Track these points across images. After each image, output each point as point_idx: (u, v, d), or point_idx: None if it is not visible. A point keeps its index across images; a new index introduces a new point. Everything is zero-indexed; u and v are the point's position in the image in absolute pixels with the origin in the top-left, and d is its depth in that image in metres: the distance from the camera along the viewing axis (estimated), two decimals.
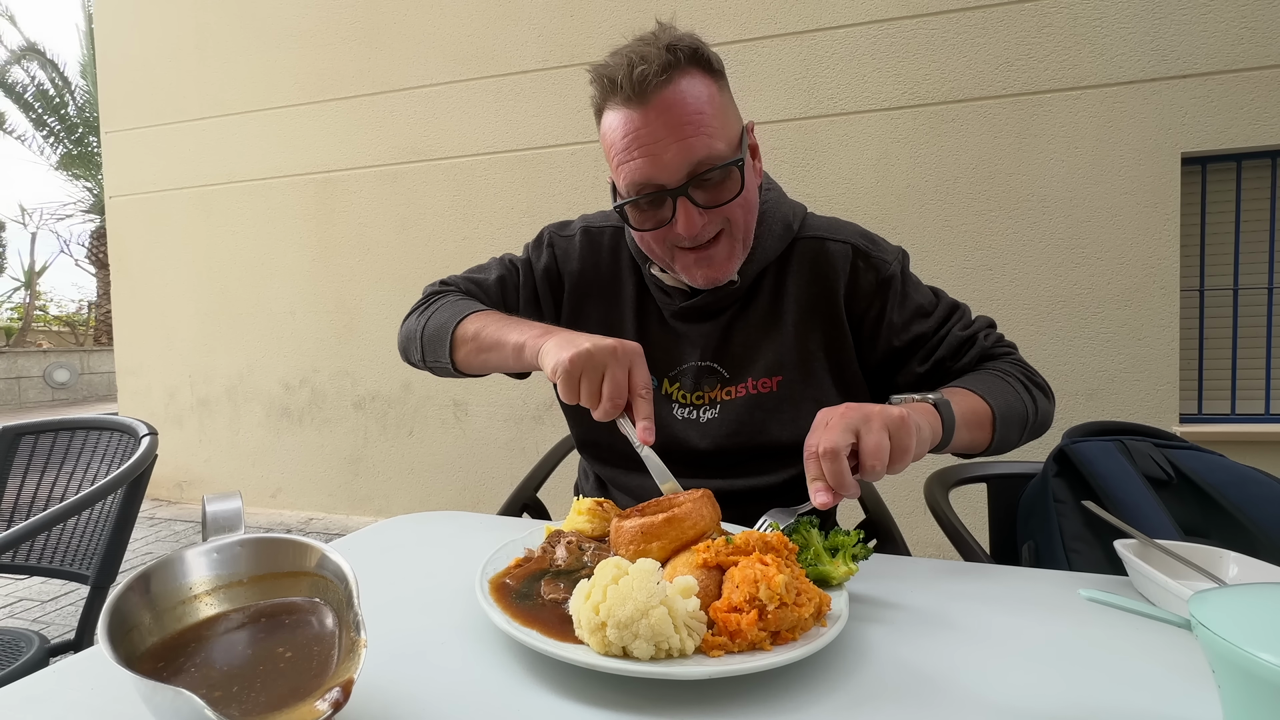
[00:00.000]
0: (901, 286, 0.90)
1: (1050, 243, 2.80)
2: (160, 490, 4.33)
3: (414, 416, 3.79)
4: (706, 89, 0.78)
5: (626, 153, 0.78)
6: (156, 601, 0.44)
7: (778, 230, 0.91)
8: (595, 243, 1.00)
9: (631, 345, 0.75)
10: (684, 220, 0.79)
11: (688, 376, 0.93)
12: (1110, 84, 2.72)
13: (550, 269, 1.00)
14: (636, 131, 0.77)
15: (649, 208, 0.81)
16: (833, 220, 0.95)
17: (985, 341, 0.90)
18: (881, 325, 0.90)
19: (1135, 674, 0.50)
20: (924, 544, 2.68)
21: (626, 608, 0.47)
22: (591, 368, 0.72)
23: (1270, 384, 2.78)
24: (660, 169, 0.77)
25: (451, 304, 0.96)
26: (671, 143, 0.76)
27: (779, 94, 3.10)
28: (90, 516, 1.32)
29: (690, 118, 0.76)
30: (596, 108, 0.83)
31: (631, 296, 0.97)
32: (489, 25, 3.55)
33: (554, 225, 1.04)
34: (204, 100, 4.11)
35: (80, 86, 11.62)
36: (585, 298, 0.99)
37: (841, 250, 0.90)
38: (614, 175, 0.84)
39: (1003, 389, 0.83)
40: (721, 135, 0.78)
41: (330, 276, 3.91)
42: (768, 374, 0.90)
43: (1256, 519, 0.79)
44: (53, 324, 14.12)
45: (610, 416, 0.73)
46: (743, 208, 0.82)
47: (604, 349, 0.72)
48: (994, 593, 0.65)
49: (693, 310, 0.92)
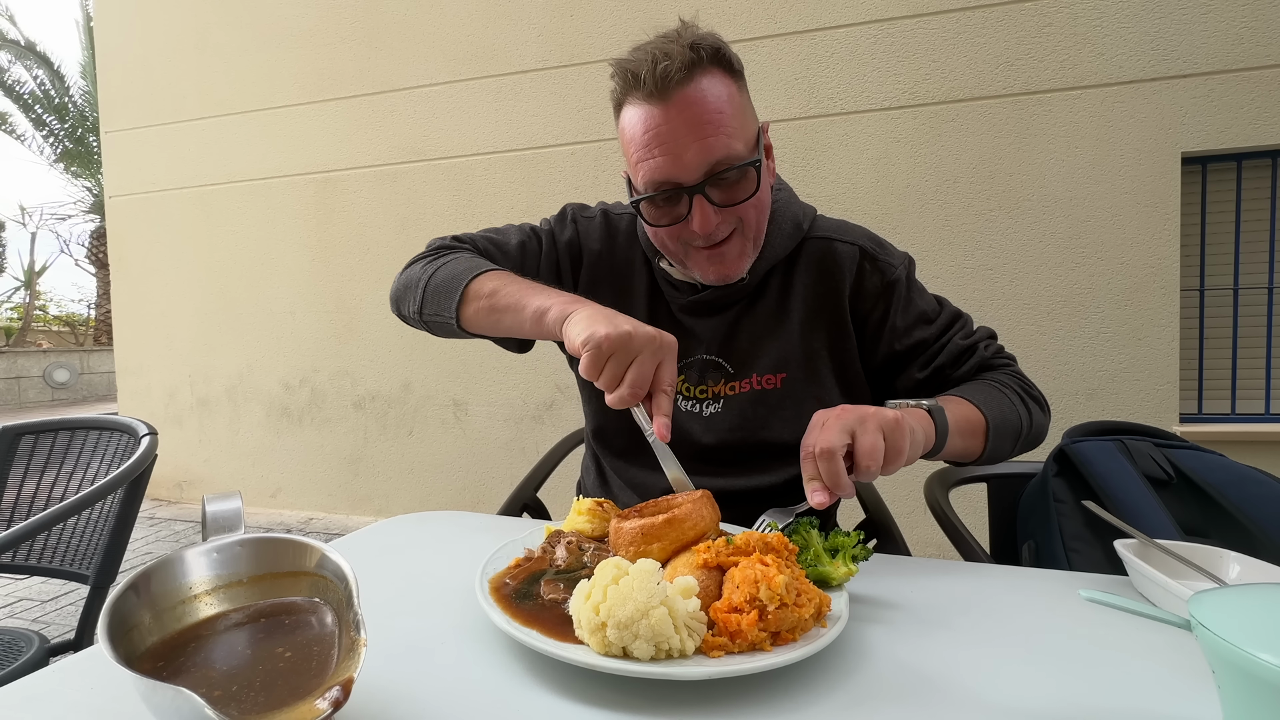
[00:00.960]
0: (906, 291, 0.90)
1: (1050, 243, 2.80)
2: (160, 490, 4.33)
3: (414, 416, 3.79)
4: (727, 89, 0.79)
5: (646, 150, 0.79)
6: (156, 601, 0.44)
7: (787, 230, 0.92)
8: (614, 228, 1.00)
9: (669, 338, 0.71)
10: (699, 218, 0.79)
11: (693, 370, 0.94)
12: (1110, 84, 2.72)
13: (573, 243, 1.00)
14: (657, 128, 0.77)
15: (665, 204, 0.82)
16: (842, 222, 0.96)
17: (985, 352, 0.91)
18: (884, 328, 0.90)
19: (1135, 674, 0.50)
20: (924, 544, 2.68)
21: (626, 608, 0.47)
22: (625, 351, 0.67)
23: (1270, 384, 2.78)
24: (679, 167, 0.78)
25: (468, 258, 0.90)
26: (691, 142, 0.76)
27: (779, 94, 3.10)
28: (90, 516, 1.32)
29: (711, 117, 0.76)
30: (616, 102, 0.83)
31: (645, 287, 0.98)
32: (489, 25, 3.55)
33: (575, 204, 1.04)
34: (204, 100, 4.11)
35: (79, 86, 11.62)
36: (598, 280, 0.99)
37: (849, 251, 0.91)
38: (631, 170, 0.84)
39: (999, 400, 0.84)
40: (740, 136, 0.79)
41: (330, 276, 3.91)
42: (772, 370, 0.91)
43: (1256, 519, 0.79)
44: (53, 324, 14.12)
45: (626, 405, 0.69)
46: (756, 208, 0.83)
47: (646, 335, 0.68)
48: (994, 593, 0.65)
49: (700, 305, 0.93)
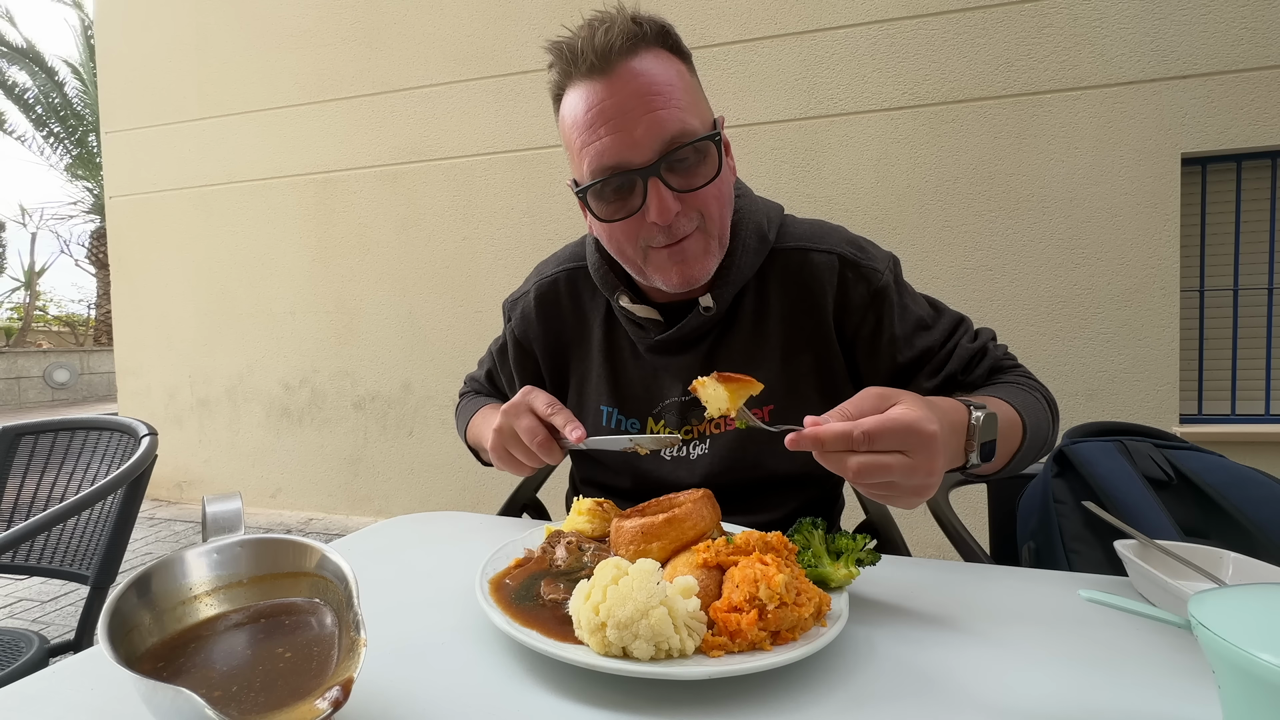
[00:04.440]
0: (898, 297, 0.83)
1: (1050, 243, 2.80)
2: (160, 490, 4.33)
3: (414, 416, 3.79)
4: (675, 67, 0.72)
5: (590, 130, 0.71)
6: (156, 602, 0.44)
7: (753, 244, 0.83)
8: (549, 296, 0.94)
9: (517, 396, 0.79)
10: (656, 205, 0.71)
11: (671, 412, 0.88)
12: (1110, 84, 2.72)
13: (521, 344, 0.97)
14: (601, 104, 0.70)
15: (616, 196, 0.73)
16: (815, 225, 0.87)
17: (996, 353, 0.85)
18: (881, 340, 0.83)
19: (1135, 674, 0.50)
20: (924, 544, 2.68)
21: (626, 608, 0.47)
22: (509, 440, 0.79)
23: (1270, 384, 2.78)
24: (629, 146, 0.69)
25: (463, 410, 1.05)
26: (641, 115, 0.69)
27: (779, 94, 3.10)
28: (90, 517, 1.32)
29: (660, 89, 0.69)
30: (556, 92, 0.76)
31: (599, 338, 0.91)
32: (489, 25, 3.55)
33: (510, 298, 0.99)
34: (204, 100, 4.11)
35: (79, 86, 11.62)
36: (559, 356, 0.95)
37: (827, 262, 0.82)
38: (575, 160, 0.76)
39: (1034, 407, 0.77)
40: (694, 112, 0.72)
41: (330, 277, 3.91)
42: (756, 405, 0.83)
43: (1256, 520, 0.79)
44: (53, 324, 14.12)
45: (549, 456, 0.77)
46: (718, 200, 0.75)
47: (501, 423, 0.78)
48: (994, 593, 0.65)
49: (670, 343, 0.85)
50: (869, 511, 1.09)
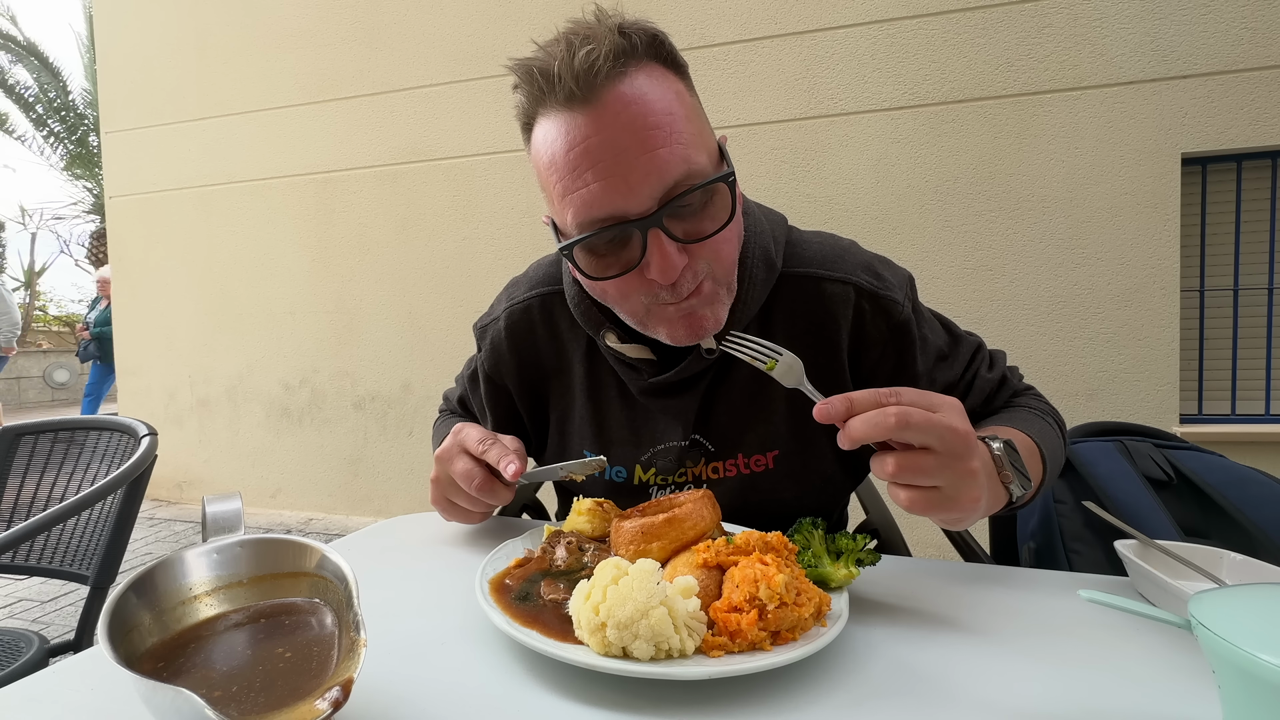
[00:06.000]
0: (918, 330, 0.75)
1: (1050, 243, 2.80)
2: (160, 490, 4.33)
3: (414, 416, 3.79)
4: (673, 86, 0.60)
5: (574, 175, 0.58)
6: (156, 602, 0.44)
7: (760, 274, 0.72)
8: (522, 326, 0.82)
9: (447, 439, 0.73)
10: (659, 261, 0.58)
11: (669, 456, 0.78)
12: (1110, 84, 2.72)
13: (492, 379, 0.87)
14: (586, 142, 0.57)
15: (609, 249, 0.61)
16: (826, 246, 0.77)
17: (1015, 382, 0.82)
18: (902, 379, 0.75)
19: (1135, 674, 0.50)
20: (924, 544, 2.68)
21: (626, 608, 0.47)
22: (449, 489, 0.74)
23: (1270, 384, 2.78)
24: (623, 194, 0.57)
25: (437, 432, 0.95)
26: (637, 156, 0.56)
27: (779, 94, 3.10)
28: (90, 517, 1.32)
29: (659, 120, 0.57)
30: (525, 119, 0.64)
31: (580, 376, 0.80)
32: (489, 25, 3.55)
33: (479, 322, 0.87)
34: (204, 100, 4.11)
35: (79, 87, 11.62)
36: (535, 390, 0.85)
37: (842, 293, 0.73)
38: (554, 207, 0.63)
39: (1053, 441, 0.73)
40: (699, 144, 0.59)
41: (330, 277, 3.91)
42: (760, 450, 0.76)
43: (1256, 520, 0.79)
44: (53, 324, 14.12)
45: (491, 497, 0.71)
46: (730, 245, 0.64)
47: (437, 473, 0.74)
48: (994, 593, 0.65)
49: (664, 386, 0.75)
50: (869, 511, 1.09)
